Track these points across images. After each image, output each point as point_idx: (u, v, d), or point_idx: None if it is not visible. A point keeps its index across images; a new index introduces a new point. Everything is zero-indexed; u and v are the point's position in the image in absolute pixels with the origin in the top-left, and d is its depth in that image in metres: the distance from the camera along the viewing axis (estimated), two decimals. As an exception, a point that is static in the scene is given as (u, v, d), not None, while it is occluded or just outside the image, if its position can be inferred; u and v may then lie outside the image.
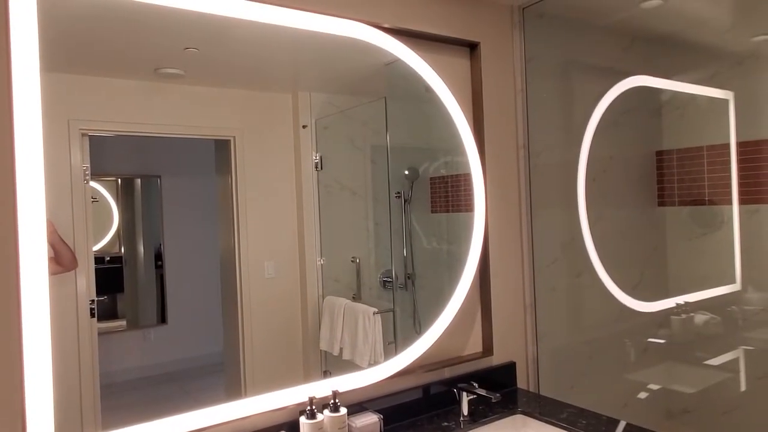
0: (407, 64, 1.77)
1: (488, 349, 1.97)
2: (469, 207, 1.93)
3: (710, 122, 2.31)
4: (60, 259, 1.25)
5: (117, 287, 1.42)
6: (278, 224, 1.61)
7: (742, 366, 2.24)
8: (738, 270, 2.22)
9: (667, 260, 2.46)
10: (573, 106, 2.38)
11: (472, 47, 1.98)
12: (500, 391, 1.78)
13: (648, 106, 2.48)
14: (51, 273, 1.16)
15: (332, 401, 1.48)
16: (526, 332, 2.13)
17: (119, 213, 1.41)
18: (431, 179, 1.96)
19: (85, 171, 1.32)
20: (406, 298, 1.88)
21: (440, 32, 1.87)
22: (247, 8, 1.45)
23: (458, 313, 1.86)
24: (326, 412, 1.47)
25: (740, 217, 2.20)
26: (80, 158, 1.31)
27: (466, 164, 1.91)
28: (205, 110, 1.48)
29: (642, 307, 2.28)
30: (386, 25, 1.72)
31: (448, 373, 1.88)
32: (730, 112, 2.23)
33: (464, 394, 1.74)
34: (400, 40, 1.75)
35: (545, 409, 1.80)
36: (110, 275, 1.40)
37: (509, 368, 2.04)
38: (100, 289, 1.34)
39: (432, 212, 1.97)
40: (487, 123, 2.00)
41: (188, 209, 1.52)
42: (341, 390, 1.56)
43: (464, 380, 1.83)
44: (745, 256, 2.20)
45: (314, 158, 1.66)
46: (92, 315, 1.32)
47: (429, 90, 1.84)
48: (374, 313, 1.74)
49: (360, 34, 1.67)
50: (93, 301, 1.33)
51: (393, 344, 1.79)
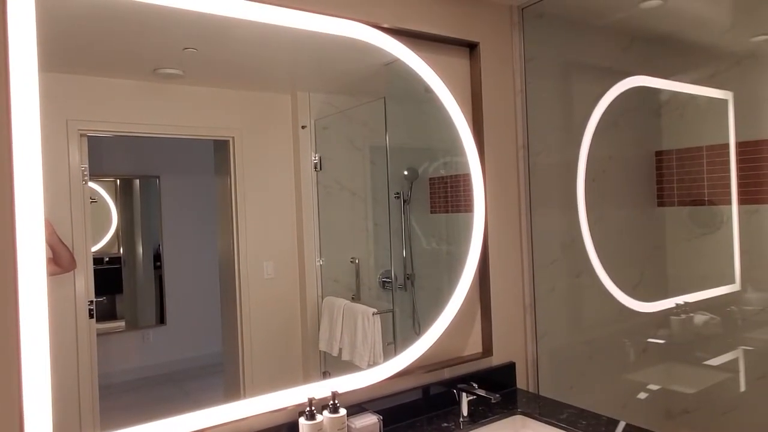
0: (406, 65, 1.77)
1: (488, 350, 1.97)
2: (469, 207, 1.92)
3: (710, 122, 2.30)
4: (58, 260, 1.25)
5: (116, 288, 1.42)
6: (277, 225, 1.60)
7: (742, 366, 2.24)
8: (737, 270, 2.21)
9: (667, 260, 2.46)
10: (572, 107, 2.38)
11: (472, 47, 1.98)
12: (500, 392, 1.78)
13: (647, 106, 2.48)
14: (49, 274, 1.15)
15: (331, 402, 1.47)
16: (526, 333, 2.13)
17: (118, 213, 1.41)
18: (430, 179, 1.95)
19: (84, 171, 1.31)
20: (406, 299, 1.88)
21: (439, 32, 1.87)
22: (246, 8, 1.45)
23: (458, 314, 1.86)
24: (325, 413, 1.47)
25: (740, 218, 2.20)
26: (79, 158, 1.30)
27: (466, 164, 1.91)
28: (204, 110, 1.48)
29: (641, 308, 2.28)
30: (385, 25, 1.72)
31: (448, 374, 1.87)
32: (730, 112, 2.23)
33: (464, 395, 1.74)
34: (400, 40, 1.75)
35: (545, 410, 1.80)
36: (109, 276, 1.40)
37: (509, 369, 2.04)
38: (99, 290, 1.33)
39: (431, 213, 1.97)
40: (487, 123, 2.00)
41: (187, 210, 1.52)
42: (340, 391, 1.55)
43: (464, 381, 1.83)
44: (745, 257, 2.20)
45: (313, 159, 1.65)
46: (91, 316, 1.32)
47: (428, 90, 1.84)
48: (373, 314, 1.74)
49: (359, 34, 1.67)
50: (92, 302, 1.32)
51: (392, 345, 1.79)
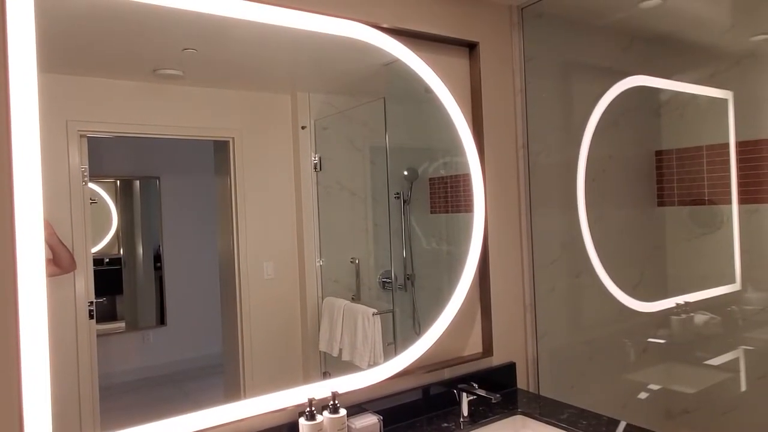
0: (406, 65, 1.77)
1: (488, 350, 1.97)
2: (469, 207, 1.92)
3: (710, 122, 2.30)
4: (58, 261, 1.25)
5: (116, 289, 1.42)
6: (277, 225, 1.60)
7: (742, 366, 2.24)
8: (738, 270, 2.21)
9: (667, 260, 2.46)
10: (572, 106, 2.38)
11: (471, 47, 1.98)
12: (500, 392, 1.78)
13: (647, 106, 2.48)
14: (49, 275, 1.15)
15: (332, 402, 1.47)
16: (526, 333, 2.13)
17: (118, 214, 1.41)
18: (430, 180, 1.95)
19: (84, 172, 1.31)
20: (406, 299, 1.88)
21: (439, 32, 1.87)
22: (246, 8, 1.45)
23: (458, 314, 1.86)
24: (326, 414, 1.47)
25: (740, 217, 2.20)
26: (79, 159, 1.30)
27: (466, 164, 1.91)
28: (204, 111, 1.48)
29: (642, 307, 2.28)
30: (385, 25, 1.72)
31: (448, 374, 1.87)
32: (730, 112, 2.23)
33: (464, 395, 1.74)
34: (399, 40, 1.75)
35: (545, 410, 1.80)
36: (109, 277, 1.39)
37: (509, 369, 2.04)
38: (99, 291, 1.33)
39: (431, 213, 1.97)
40: (487, 123, 2.00)
41: (187, 210, 1.52)
42: (341, 391, 1.55)
43: (464, 381, 1.83)
44: (745, 256, 2.20)
45: (313, 159, 1.65)
46: (91, 317, 1.32)
47: (428, 90, 1.84)
48: (374, 314, 1.74)
49: (359, 35, 1.67)
50: (92, 303, 1.32)
51: (392, 345, 1.79)
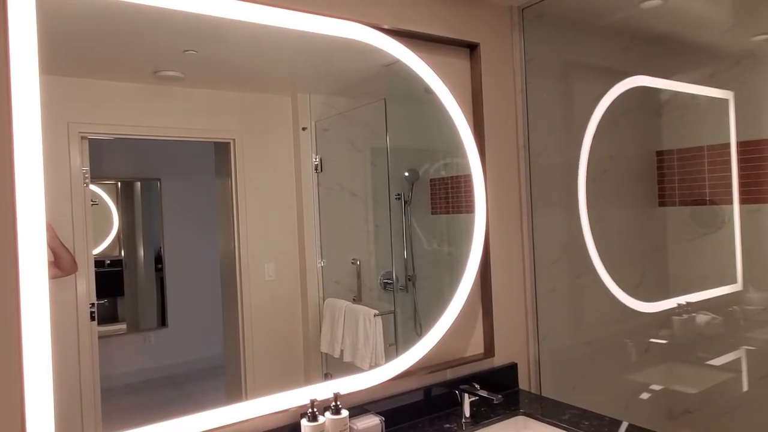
0: (407, 66, 1.77)
1: (489, 351, 1.97)
2: (470, 208, 1.92)
3: (710, 122, 2.30)
4: (60, 263, 1.25)
5: (117, 291, 1.42)
6: (278, 226, 1.60)
7: (744, 366, 2.24)
8: (739, 270, 2.21)
9: (668, 260, 2.45)
10: (573, 107, 2.38)
11: (472, 48, 1.98)
12: (502, 393, 1.78)
13: (648, 106, 2.48)
14: (51, 277, 1.15)
15: (333, 403, 1.47)
16: (528, 333, 2.13)
17: (119, 216, 1.41)
18: (431, 181, 1.95)
19: (85, 174, 1.31)
20: (407, 300, 1.88)
21: (440, 33, 1.87)
22: (246, 9, 1.45)
23: (459, 315, 1.86)
24: (327, 415, 1.46)
25: (741, 217, 2.20)
26: (80, 161, 1.30)
27: (466, 165, 1.91)
28: (205, 113, 1.48)
29: (643, 308, 2.27)
30: (386, 26, 1.72)
31: (450, 375, 1.87)
32: (730, 112, 2.23)
33: (466, 396, 1.73)
34: (400, 41, 1.75)
35: (547, 410, 1.79)
36: (110, 279, 1.40)
37: (511, 369, 2.03)
38: (100, 293, 1.33)
39: (432, 214, 1.97)
40: (487, 124, 2.00)
41: (188, 212, 1.52)
42: (342, 392, 1.55)
43: (466, 382, 1.83)
44: (746, 256, 2.20)
45: (314, 160, 1.65)
46: (92, 318, 1.32)
47: (429, 91, 1.84)
48: (375, 315, 1.74)
49: (360, 36, 1.67)
50: (93, 305, 1.32)
51: (394, 346, 1.79)
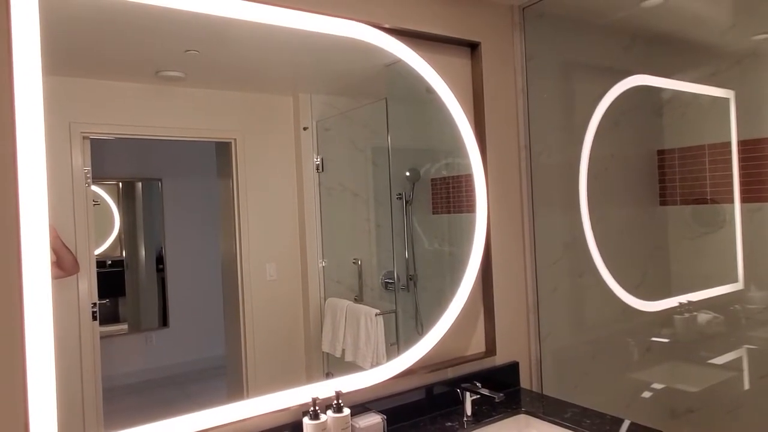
0: (408, 65, 1.77)
1: (491, 349, 1.97)
2: (471, 208, 1.92)
3: (711, 121, 2.30)
4: (62, 264, 1.25)
5: (119, 291, 1.42)
6: (279, 226, 1.60)
7: (746, 365, 2.23)
8: (740, 269, 2.21)
9: (670, 259, 2.45)
10: (574, 106, 2.38)
11: (473, 47, 1.98)
12: (503, 391, 1.78)
13: (649, 105, 2.47)
14: (53, 277, 1.16)
15: (335, 402, 1.48)
16: (529, 332, 2.13)
17: (120, 216, 1.41)
18: (432, 180, 1.95)
19: (87, 174, 1.31)
20: (408, 300, 1.88)
21: (441, 32, 1.87)
22: (248, 8, 1.45)
23: (461, 314, 1.86)
24: (329, 413, 1.47)
25: (742, 216, 2.20)
26: (82, 161, 1.31)
27: (467, 165, 1.91)
28: (206, 113, 1.48)
29: (644, 307, 2.27)
30: (387, 26, 1.72)
31: (451, 374, 1.87)
32: (731, 111, 2.22)
33: (467, 394, 1.74)
34: (401, 41, 1.75)
35: (549, 409, 1.80)
36: (112, 279, 1.40)
37: (512, 368, 2.03)
38: (102, 293, 1.34)
39: (433, 213, 1.97)
40: (489, 123, 2.00)
41: (189, 212, 1.52)
42: (344, 390, 1.55)
43: (467, 380, 1.83)
44: (748, 255, 2.20)
45: (315, 160, 1.66)
46: (94, 318, 1.32)
47: (430, 91, 1.84)
48: (376, 315, 1.74)
49: (361, 35, 1.67)
50: (95, 305, 1.32)
51: (395, 345, 1.79)
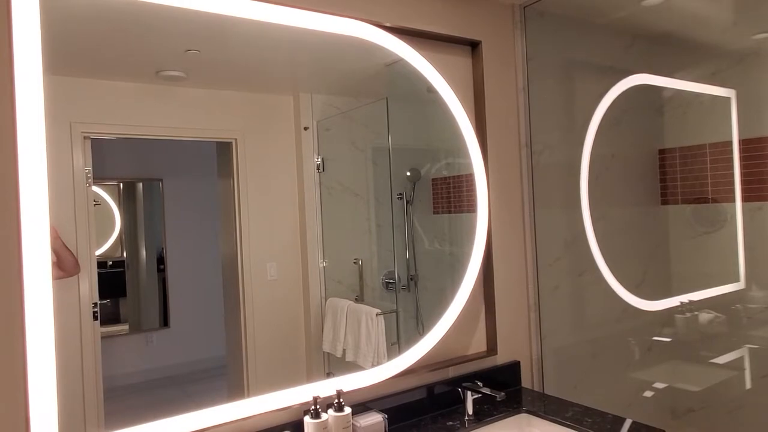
0: (408, 65, 1.77)
1: (492, 349, 1.97)
2: (472, 207, 1.92)
3: (712, 120, 2.30)
4: (63, 264, 1.25)
5: (119, 291, 1.42)
6: (280, 226, 1.60)
7: (747, 364, 2.23)
8: (742, 268, 2.21)
9: (671, 258, 2.45)
10: (575, 105, 2.38)
11: (474, 46, 1.98)
12: (504, 390, 1.78)
13: (650, 104, 2.47)
14: (54, 278, 1.16)
15: (336, 401, 1.48)
16: (530, 331, 2.13)
17: (121, 217, 1.41)
18: (433, 180, 1.95)
19: (88, 174, 1.31)
20: (409, 300, 1.88)
21: (441, 31, 1.86)
22: (248, 7, 1.45)
23: (462, 313, 1.86)
24: (330, 412, 1.47)
25: (743, 215, 2.19)
26: (82, 161, 1.30)
27: (468, 165, 1.91)
28: (207, 112, 1.48)
29: (646, 306, 2.27)
30: (388, 24, 1.72)
31: (453, 373, 1.87)
32: (732, 110, 2.22)
33: (469, 393, 1.74)
34: (402, 39, 1.75)
35: (550, 408, 1.80)
36: (112, 279, 1.40)
37: (513, 367, 2.03)
38: (103, 293, 1.34)
39: (434, 213, 1.97)
40: (489, 122, 2.00)
41: (190, 212, 1.52)
42: (345, 389, 1.55)
43: (468, 379, 1.83)
44: (749, 254, 2.20)
45: (316, 160, 1.66)
46: (95, 319, 1.32)
47: (431, 90, 1.83)
48: (377, 315, 1.74)
49: (362, 34, 1.67)
50: (96, 305, 1.32)
51: (396, 345, 1.79)
